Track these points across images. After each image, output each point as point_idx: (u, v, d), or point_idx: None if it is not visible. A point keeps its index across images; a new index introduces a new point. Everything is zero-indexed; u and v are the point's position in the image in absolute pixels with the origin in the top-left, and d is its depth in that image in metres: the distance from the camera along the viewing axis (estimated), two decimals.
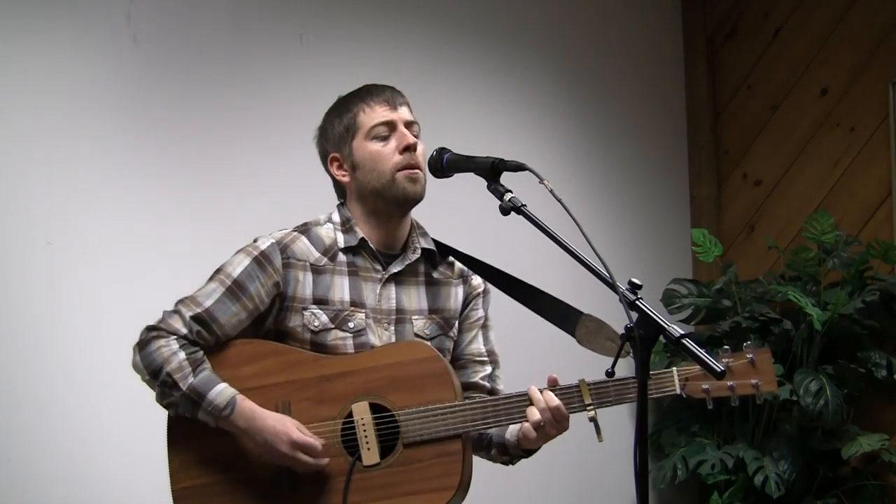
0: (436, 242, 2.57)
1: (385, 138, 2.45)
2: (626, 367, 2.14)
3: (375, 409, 2.38)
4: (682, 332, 1.99)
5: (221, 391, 2.35)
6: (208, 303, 2.40)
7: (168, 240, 3.40)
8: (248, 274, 2.42)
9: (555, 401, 2.37)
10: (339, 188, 2.54)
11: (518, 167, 2.29)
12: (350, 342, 2.43)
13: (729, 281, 4.65)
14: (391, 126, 2.46)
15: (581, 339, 2.52)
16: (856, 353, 4.46)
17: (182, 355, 2.36)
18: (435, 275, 2.55)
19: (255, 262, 2.43)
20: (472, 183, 2.42)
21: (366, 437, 2.36)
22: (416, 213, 2.55)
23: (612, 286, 2.07)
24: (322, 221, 2.51)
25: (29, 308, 3.10)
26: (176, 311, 2.41)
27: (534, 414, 2.37)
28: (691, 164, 5.13)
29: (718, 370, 1.95)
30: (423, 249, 2.53)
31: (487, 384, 2.59)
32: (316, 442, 2.34)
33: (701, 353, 1.97)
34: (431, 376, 2.39)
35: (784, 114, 4.95)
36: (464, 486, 2.38)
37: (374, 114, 2.46)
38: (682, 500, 4.80)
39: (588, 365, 2.50)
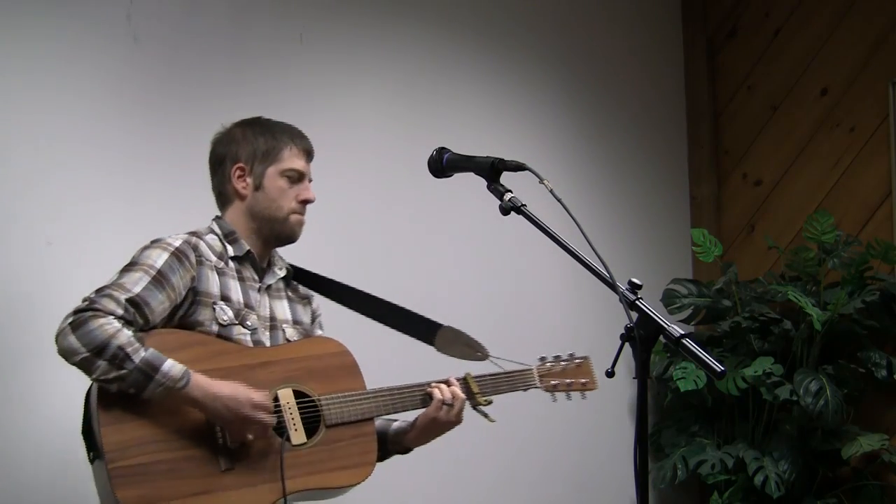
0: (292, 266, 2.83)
1: (293, 182, 2.71)
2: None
3: (297, 395, 2.62)
4: (682, 332, 1.99)
5: (173, 364, 2.42)
6: (137, 289, 2.48)
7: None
8: (170, 266, 2.54)
9: (454, 383, 2.75)
10: (226, 196, 2.74)
11: (518, 167, 2.30)
12: (249, 339, 2.63)
13: (729, 281, 4.65)
14: (301, 176, 2.73)
15: (440, 348, 2.86)
16: (856, 353, 4.46)
17: (128, 332, 2.41)
18: (289, 293, 2.82)
19: (174, 256, 2.56)
20: (472, 183, 2.42)
21: (292, 419, 2.59)
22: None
23: (612, 286, 2.08)
24: (205, 233, 2.70)
25: (29, 308, 3.10)
26: (106, 295, 2.44)
27: (437, 393, 2.71)
28: (691, 164, 5.13)
29: (719, 370, 1.96)
30: (287, 268, 2.80)
31: None
32: (269, 401, 2.52)
33: (701, 352, 1.97)
34: (343, 368, 2.70)
35: (784, 114, 4.95)
36: None
37: (296, 158, 2.72)
38: (682, 500, 4.80)
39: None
